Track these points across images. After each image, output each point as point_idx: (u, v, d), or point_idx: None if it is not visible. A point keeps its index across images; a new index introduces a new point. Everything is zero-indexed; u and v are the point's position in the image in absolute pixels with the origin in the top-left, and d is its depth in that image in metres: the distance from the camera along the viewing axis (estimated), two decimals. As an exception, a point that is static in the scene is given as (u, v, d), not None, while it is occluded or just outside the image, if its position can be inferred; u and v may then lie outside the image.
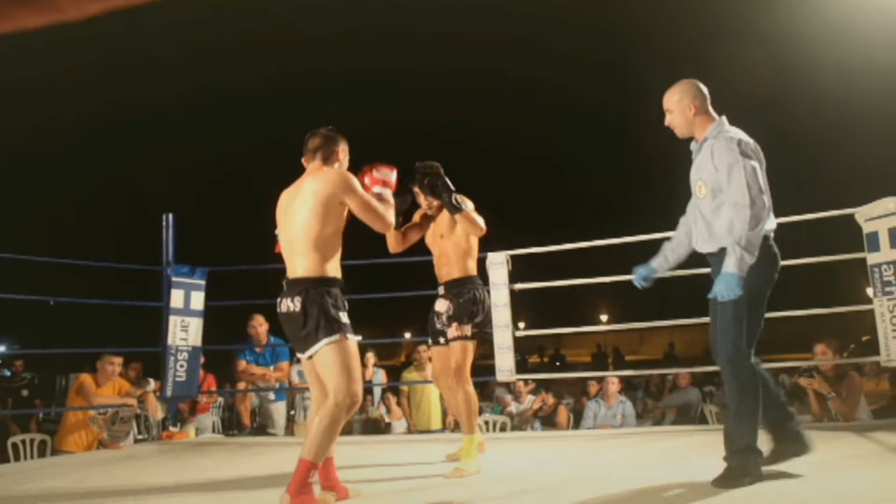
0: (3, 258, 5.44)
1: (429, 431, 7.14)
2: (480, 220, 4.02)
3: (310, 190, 3.14)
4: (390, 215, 3.28)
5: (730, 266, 2.97)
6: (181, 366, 5.97)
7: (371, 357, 7.49)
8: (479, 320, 4.09)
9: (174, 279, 6.03)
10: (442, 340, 4.19)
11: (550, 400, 8.06)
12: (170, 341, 5.94)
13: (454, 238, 4.13)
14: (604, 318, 37.23)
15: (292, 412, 7.53)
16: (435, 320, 4.24)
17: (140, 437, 6.89)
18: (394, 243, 4.22)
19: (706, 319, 5.92)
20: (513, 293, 5.75)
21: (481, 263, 5.85)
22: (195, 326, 6.08)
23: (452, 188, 3.98)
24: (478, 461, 3.82)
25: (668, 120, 3.34)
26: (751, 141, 3.12)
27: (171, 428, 6.15)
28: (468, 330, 4.03)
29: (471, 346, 4.05)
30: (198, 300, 6.12)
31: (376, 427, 7.56)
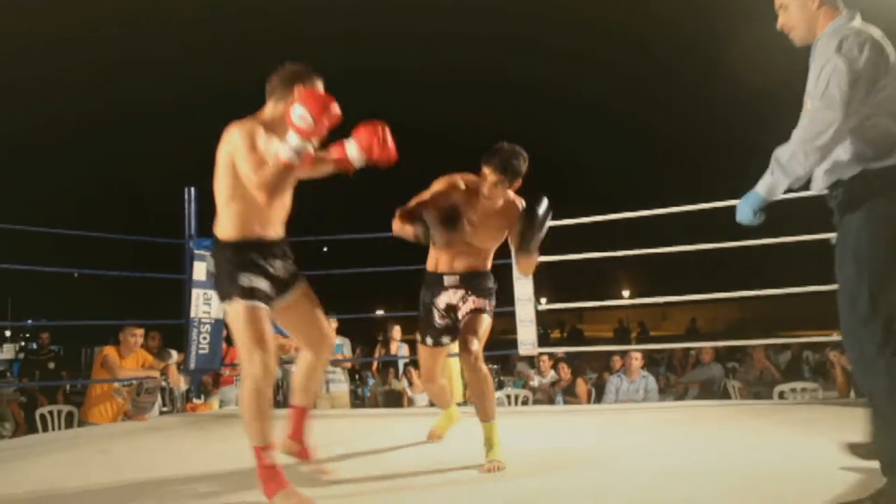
0: (29, 231, 5.50)
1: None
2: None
3: (227, 139, 2.78)
4: (270, 182, 2.63)
5: (759, 184, 2.44)
6: (204, 338, 5.99)
7: (397, 331, 7.52)
8: (490, 302, 3.55)
9: (196, 252, 6.05)
10: (446, 340, 3.64)
11: (567, 373, 8.06)
12: (192, 314, 5.97)
13: (492, 240, 3.56)
14: (625, 293, 37.10)
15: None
16: (436, 316, 3.62)
17: (164, 409, 6.95)
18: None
19: (728, 294, 5.92)
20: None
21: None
22: (217, 299, 6.09)
23: (544, 226, 3.34)
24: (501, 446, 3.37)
25: (782, 21, 2.57)
26: (871, 37, 2.33)
27: (194, 400, 6.20)
28: (486, 306, 3.49)
29: (489, 323, 3.48)
30: (221, 273, 6.13)
31: (399, 400, 7.60)
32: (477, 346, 3.32)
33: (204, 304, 6.01)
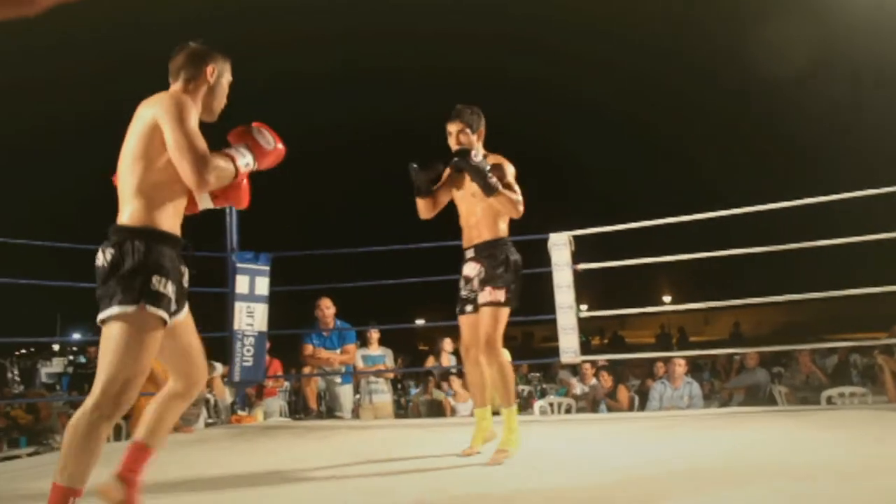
0: (70, 248, 5.61)
1: (495, 413, 7.13)
2: (518, 198, 3.66)
3: (139, 121, 2.46)
4: (217, 170, 2.45)
5: None
6: (248, 350, 6.06)
7: (448, 343, 7.56)
8: (513, 287, 3.71)
9: (239, 265, 6.12)
10: (469, 308, 3.81)
11: (609, 381, 8.01)
12: (236, 326, 6.04)
13: (485, 199, 3.69)
14: (667, 298, 36.72)
15: (357, 396, 7.62)
16: (462, 286, 3.86)
17: (209, 421, 7.04)
18: (424, 210, 3.89)
19: (774, 298, 5.84)
20: (575, 274, 5.70)
21: (543, 245, 5.82)
22: (260, 312, 6.17)
23: (485, 167, 3.59)
24: (519, 436, 3.63)
25: None
26: None
27: (239, 412, 6.26)
28: (501, 295, 3.66)
29: (503, 313, 3.67)
30: (262, 286, 6.21)
31: (441, 409, 7.60)
32: (486, 344, 3.60)
33: (247, 317, 6.09)
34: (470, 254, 3.81)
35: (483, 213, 3.76)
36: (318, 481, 3.36)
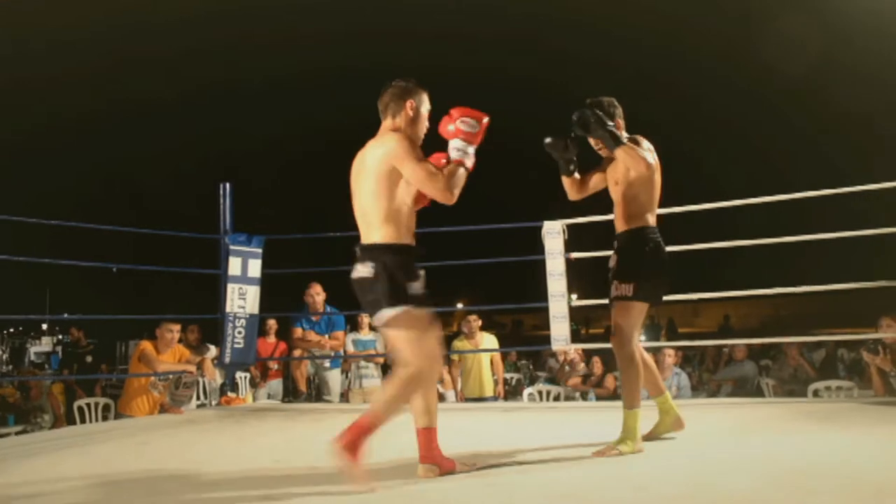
0: (68, 226, 5.61)
1: (482, 399, 7.18)
2: (648, 156, 3.51)
3: (372, 159, 3.01)
4: (454, 183, 2.98)
5: None
6: (239, 332, 6.08)
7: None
8: (645, 280, 3.55)
9: (232, 247, 6.12)
10: (606, 302, 3.74)
11: (600, 367, 8.05)
12: (228, 308, 6.05)
13: (626, 185, 3.62)
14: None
15: (346, 380, 7.65)
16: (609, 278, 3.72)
17: (200, 402, 7.07)
18: (569, 190, 3.85)
19: (762, 291, 5.88)
20: (568, 262, 5.72)
21: (536, 232, 5.83)
22: (252, 294, 6.18)
23: (609, 122, 3.50)
24: (639, 441, 3.42)
25: None
26: None
27: (229, 393, 6.28)
28: (629, 289, 3.52)
29: (632, 307, 3.54)
30: (255, 268, 6.21)
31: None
32: (615, 338, 3.59)
33: (239, 299, 6.10)
34: (615, 244, 3.76)
35: (620, 201, 3.68)
36: (307, 459, 3.39)
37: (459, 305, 13.18)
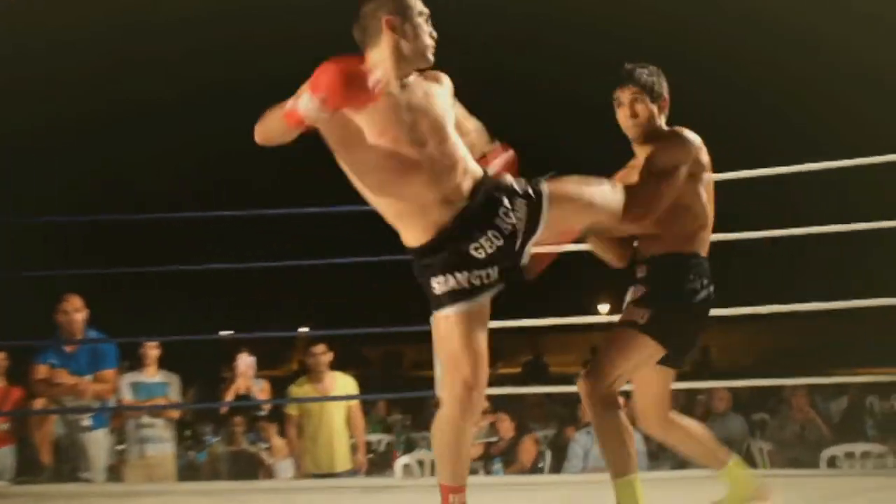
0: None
1: (332, 475, 7.03)
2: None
3: None
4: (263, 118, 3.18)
5: None
6: None
7: (244, 361, 7.41)
8: (656, 310, 3.62)
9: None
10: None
11: (510, 428, 8.00)
12: None
13: None
14: (603, 308, 37.55)
15: (120, 446, 7.40)
16: None
17: None
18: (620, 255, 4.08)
19: (756, 310, 5.90)
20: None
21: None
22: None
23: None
24: None
25: None
26: None
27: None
28: (642, 315, 3.61)
29: (636, 340, 3.61)
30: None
31: (251, 467, 7.49)
32: (587, 373, 3.60)
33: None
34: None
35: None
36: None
37: (302, 330, 12.99)
